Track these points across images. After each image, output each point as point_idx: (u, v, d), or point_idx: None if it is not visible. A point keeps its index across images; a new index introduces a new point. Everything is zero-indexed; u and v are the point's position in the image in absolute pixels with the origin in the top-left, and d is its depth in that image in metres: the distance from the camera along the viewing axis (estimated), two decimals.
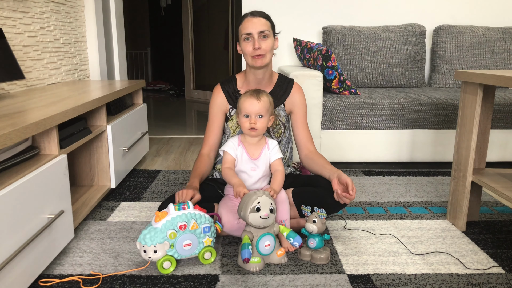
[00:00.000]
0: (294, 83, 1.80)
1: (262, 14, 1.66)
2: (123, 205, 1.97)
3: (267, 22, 1.65)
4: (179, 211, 1.38)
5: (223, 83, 1.79)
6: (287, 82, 1.80)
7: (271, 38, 1.65)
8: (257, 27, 1.62)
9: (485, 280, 1.36)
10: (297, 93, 1.79)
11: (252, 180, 1.60)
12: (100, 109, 1.92)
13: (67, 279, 1.35)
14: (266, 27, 1.63)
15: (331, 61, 2.40)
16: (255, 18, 1.63)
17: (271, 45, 1.65)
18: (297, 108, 1.78)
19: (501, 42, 2.94)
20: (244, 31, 1.63)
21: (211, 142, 1.77)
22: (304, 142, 1.77)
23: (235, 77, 1.80)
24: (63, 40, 2.54)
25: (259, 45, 1.61)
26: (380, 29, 2.93)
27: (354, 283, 1.34)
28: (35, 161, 1.34)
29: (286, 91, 1.78)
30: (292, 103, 1.78)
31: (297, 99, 1.78)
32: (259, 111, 1.55)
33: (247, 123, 1.56)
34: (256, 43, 1.61)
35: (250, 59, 1.65)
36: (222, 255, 1.51)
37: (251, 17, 1.64)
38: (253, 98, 1.56)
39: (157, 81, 7.02)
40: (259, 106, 1.55)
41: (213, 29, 5.47)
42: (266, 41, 1.63)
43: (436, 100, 2.45)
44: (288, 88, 1.78)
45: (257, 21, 1.63)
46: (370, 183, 2.30)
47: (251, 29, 1.62)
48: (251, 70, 1.71)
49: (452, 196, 1.79)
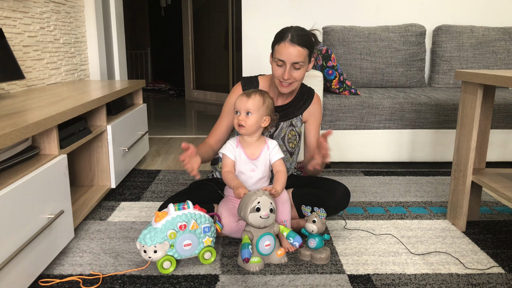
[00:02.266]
0: (315, 95, 1.77)
1: (302, 41, 1.52)
2: (123, 205, 1.97)
3: (304, 52, 1.53)
4: (179, 211, 1.38)
5: (245, 83, 1.74)
6: (308, 92, 1.77)
7: (305, 67, 1.57)
8: (292, 57, 1.52)
9: (485, 280, 1.36)
10: (316, 104, 1.76)
11: (251, 181, 1.60)
12: (100, 109, 1.92)
13: (67, 279, 1.35)
14: (302, 58, 1.53)
15: (331, 61, 2.40)
16: (292, 47, 1.51)
17: (303, 74, 1.58)
18: (313, 118, 1.77)
19: (501, 42, 2.94)
20: (278, 56, 1.54)
21: (217, 136, 1.73)
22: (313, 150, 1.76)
23: (257, 79, 1.75)
24: (63, 40, 2.54)
25: (289, 76, 1.55)
26: (380, 29, 2.93)
27: (354, 283, 1.34)
28: (35, 161, 1.34)
29: (306, 102, 1.76)
30: (309, 114, 1.76)
31: (315, 110, 1.76)
32: (247, 108, 1.52)
33: (236, 119, 1.55)
34: (286, 73, 1.54)
35: (278, 83, 1.60)
36: (222, 255, 1.51)
37: (289, 43, 1.51)
38: (244, 95, 1.54)
39: (157, 81, 7.02)
40: (248, 103, 1.52)
41: (213, 29, 5.47)
42: (298, 71, 1.56)
43: (436, 100, 2.45)
44: (309, 99, 1.76)
45: (293, 51, 1.51)
46: (370, 183, 2.30)
47: (284, 57, 1.53)
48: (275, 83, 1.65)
49: (452, 196, 1.79)
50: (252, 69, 3.19)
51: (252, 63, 3.21)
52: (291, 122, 1.74)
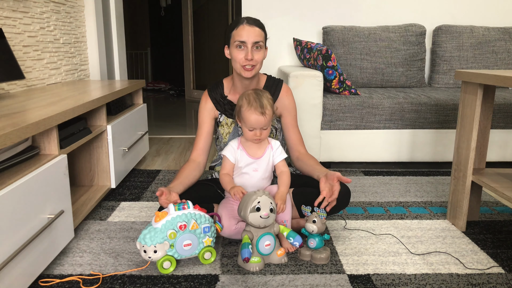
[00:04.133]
0: (283, 86, 1.76)
1: (258, 23, 1.61)
2: (123, 205, 1.97)
3: (262, 32, 1.60)
4: (179, 211, 1.38)
5: (211, 90, 1.76)
6: (276, 84, 1.76)
7: (263, 49, 1.61)
8: (252, 37, 1.57)
9: (485, 280, 1.36)
10: (285, 96, 1.75)
11: (253, 181, 1.60)
12: (100, 109, 1.92)
13: (67, 279, 1.35)
14: (261, 37, 1.59)
15: (331, 61, 2.40)
16: (251, 27, 1.58)
17: (262, 56, 1.61)
18: (287, 112, 1.75)
19: (501, 42, 2.94)
20: (238, 38, 1.58)
21: (200, 146, 1.73)
22: (295, 144, 1.76)
23: (222, 83, 1.77)
24: (63, 40, 2.54)
25: (251, 56, 1.57)
26: (380, 29, 2.93)
27: (354, 283, 1.34)
28: (35, 161, 1.34)
29: (274, 94, 1.73)
30: (281, 107, 1.75)
31: (286, 102, 1.75)
32: (265, 125, 1.54)
33: (252, 135, 1.55)
34: (249, 54, 1.56)
35: (239, 68, 1.61)
36: (222, 255, 1.51)
37: (247, 25, 1.58)
38: (259, 114, 1.51)
39: (157, 81, 7.02)
40: (265, 121, 1.53)
41: (213, 29, 5.47)
42: (259, 52, 1.59)
43: (436, 100, 2.45)
44: (277, 91, 1.75)
45: (253, 30, 1.57)
46: (370, 183, 2.30)
47: (245, 38, 1.57)
48: (238, 76, 1.67)
49: (452, 196, 1.79)
50: None
51: None
52: None
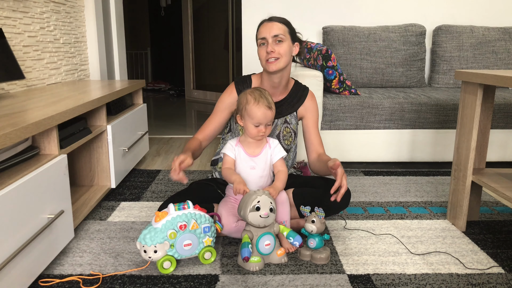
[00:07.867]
0: (309, 92, 1.79)
1: (279, 19, 1.63)
2: (123, 205, 1.97)
3: (283, 26, 1.61)
4: (179, 211, 1.38)
5: (238, 83, 1.76)
6: (302, 90, 1.79)
7: (287, 42, 1.62)
8: (271, 31, 1.59)
9: (485, 280, 1.36)
10: (310, 100, 1.78)
11: (251, 179, 1.60)
12: (100, 109, 1.92)
13: (67, 279, 1.35)
14: (281, 31, 1.60)
15: (331, 61, 2.40)
16: (270, 23, 1.61)
17: (286, 49, 1.61)
18: (310, 114, 1.78)
19: (501, 42, 2.94)
20: (259, 36, 1.62)
21: (207, 132, 1.75)
22: (315, 146, 1.77)
23: (250, 78, 1.77)
24: (63, 40, 2.54)
25: (272, 49, 1.58)
26: (380, 29, 2.93)
27: (354, 283, 1.34)
28: (35, 161, 1.34)
29: (300, 100, 1.77)
30: (305, 109, 1.78)
31: (310, 106, 1.78)
32: (270, 120, 1.56)
33: (257, 131, 1.55)
34: (269, 46, 1.59)
35: (264, 63, 1.63)
36: (222, 255, 1.51)
37: (267, 22, 1.62)
38: (267, 108, 1.52)
39: (157, 81, 7.02)
40: (272, 116, 1.55)
41: (213, 29, 5.47)
42: (280, 45, 1.60)
43: (436, 100, 2.45)
44: (302, 97, 1.77)
45: (271, 25, 1.60)
46: (370, 183, 2.30)
47: (265, 34, 1.60)
48: (266, 74, 1.68)
49: (452, 196, 1.79)
50: (252, 69, 3.19)
51: (252, 63, 3.21)
52: (285, 119, 1.76)
